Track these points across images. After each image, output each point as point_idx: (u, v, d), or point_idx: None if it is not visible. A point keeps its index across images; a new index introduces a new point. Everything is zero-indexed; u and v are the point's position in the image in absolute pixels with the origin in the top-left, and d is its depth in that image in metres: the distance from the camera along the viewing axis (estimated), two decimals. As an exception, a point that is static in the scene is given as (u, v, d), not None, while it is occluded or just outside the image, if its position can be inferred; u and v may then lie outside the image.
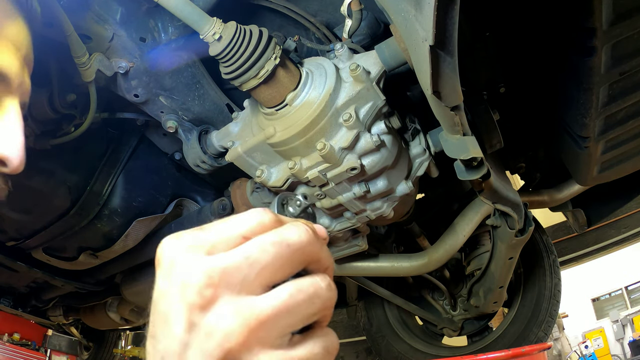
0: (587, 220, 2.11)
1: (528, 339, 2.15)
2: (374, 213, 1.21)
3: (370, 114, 0.99)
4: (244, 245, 0.32)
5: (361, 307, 2.68)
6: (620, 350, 8.81)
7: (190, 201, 1.71)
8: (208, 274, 0.31)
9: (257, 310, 0.30)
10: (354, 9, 1.09)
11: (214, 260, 0.31)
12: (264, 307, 0.30)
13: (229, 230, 0.34)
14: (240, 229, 0.34)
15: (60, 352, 4.93)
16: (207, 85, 1.25)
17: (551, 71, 1.22)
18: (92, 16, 1.03)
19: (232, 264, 0.31)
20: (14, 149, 0.54)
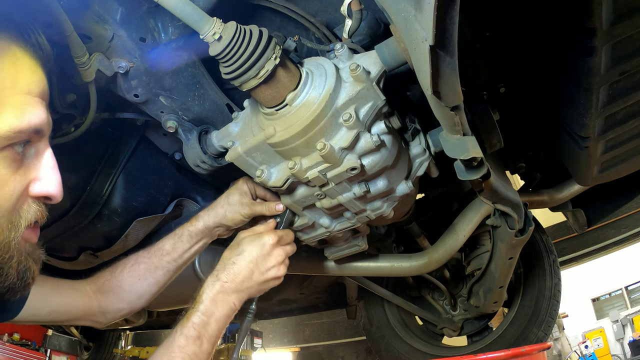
0: (587, 220, 2.11)
1: (528, 339, 2.15)
2: (374, 213, 1.21)
3: (370, 114, 0.99)
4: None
5: (361, 307, 2.68)
6: (620, 350, 8.81)
7: (190, 201, 1.71)
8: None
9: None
10: (354, 9, 1.09)
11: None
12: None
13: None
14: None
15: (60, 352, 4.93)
16: (207, 85, 1.25)
17: (551, 71, 1.22)
18: (92, 16, 1.03)
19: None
20: (57, 188, 0.66)
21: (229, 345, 5.71)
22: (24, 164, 0.64)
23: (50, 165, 0.66)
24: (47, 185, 0.65)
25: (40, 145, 0.66)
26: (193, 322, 0.99)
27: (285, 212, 1.22)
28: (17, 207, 0.63)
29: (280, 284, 1.15)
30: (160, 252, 1.23)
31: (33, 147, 0.65)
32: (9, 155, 0.61)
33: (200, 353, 0.97)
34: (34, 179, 0.65)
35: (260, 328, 6.64)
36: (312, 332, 8.55)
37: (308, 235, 1.34)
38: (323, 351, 8.35)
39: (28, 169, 0.64)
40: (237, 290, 1.07)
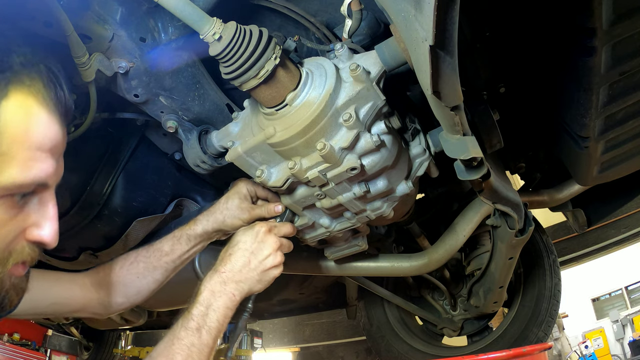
0: (587, 220, 2.11)
1: (528, 339, 2.15)
2: (374, 213, 1.21)
3: (370, 114, 0.99)
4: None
5: (361, 307, 2.68)
6: (620, 350, 8.81)
7: (190, 201, 1.71)
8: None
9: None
10: (354, 9, 1.09)
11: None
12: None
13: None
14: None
15: (60, 352, 4.93)
16: (207, 85, 1.25)
17: (551, 71, 1.22)
18: (92, 16, 1.03)
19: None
20: (52, 237, 0.70)
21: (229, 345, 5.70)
22: (25, 210, 0.67)
23: (50, 215, 0.70)
24: (43, 234, 0.69)
25: (45, 195, 0.69)
26: (192, 314, 0.99)
27: (285, 212, 1.22)
28: (9, 247, 0.66)
29: (281, 284, 1.15)
30: (159, 252, 1.23)
31: (37, 196, 0.68)
32: (8, 203, 0.63)
33: (200, 344, 0.96)
34: (33, 225, 0.68)
35: (260, 328, 6.64)
36: (312, 332, 8.55)
37: (308, 235, 1.34)
38: (323, 351, 8.35)
39: (28, 215, 0.68)
40: (235, 280, 1.06)
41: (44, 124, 0.65)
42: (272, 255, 1.11)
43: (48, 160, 0.66)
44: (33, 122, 0.63)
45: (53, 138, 0.67)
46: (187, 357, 0.93)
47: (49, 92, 0.66)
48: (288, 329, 8.72)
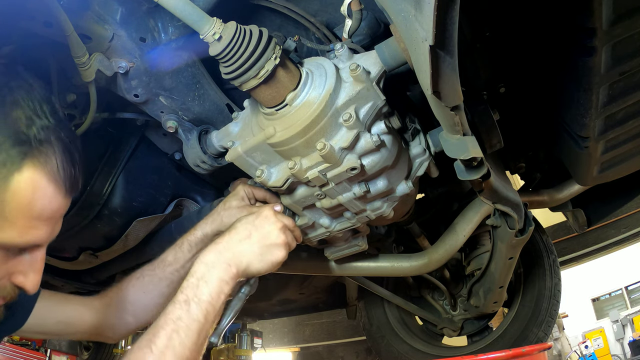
0: (587, 220, 2.11)
1: (528, 339, 2.15)
2: (374, 213, 1.21)
3: (370, 114, 1.00)
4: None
5: (361, 307, 2.68)
6: (620, 350, 8.81)
7: (190, 201, 1.71)
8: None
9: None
10: (354, 9, 1.09)
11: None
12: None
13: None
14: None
15: (60, 352, 4.93)
16: (207, 85, 1.25)
17: (551, 71, 1.22)
18: (92, 16, 1.03)
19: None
20: (33, 287, 0.77)
21: (229, 345, 5.71)
22: (16, 259, 0.74)
23: (37, 268, 0.77)
24: (27, 283, 0.77)
25: (35, 252, 0.77)
26: (182, 287, 0.92)
27: (285, 212, 1.22)
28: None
29: (280, 284, 1.15)
30: (163, 263, 1.23)
31: (29, 252, 0.76)
32: (2, 254, 0.71)
33: (188, 318, 0.87)
34: (20, 272, 0.76)
35: (260, 328, 6.64)
36: (312, 332, 8.55)
37: (308, 235, 1.34)
38: (323, 351, 8.35)
39: (19, 262, 0.75)
40: (233, 251, 0.98)
41: (48, 198, 0.71)
42: (275, 231, 1.03)
43: (44, 228, 0.74)
44: (38, 196, 0.70)
45: (54, 210, 0.74)
46: (172, 332, 0.85)
47: (60, 170, 0.72)
48: (288, 329, 8.72)
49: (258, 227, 1.02)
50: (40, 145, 0.69)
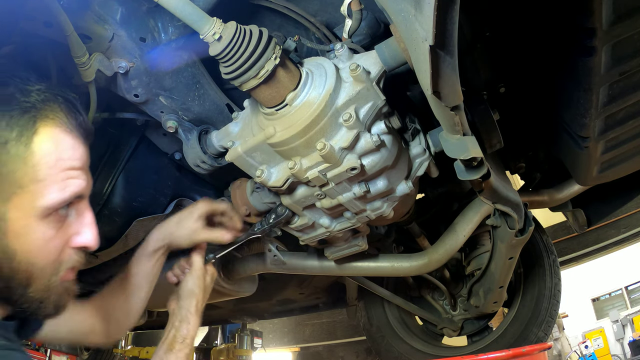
0: (587, 220, 2.11)
1: (528, 339, 2.15)
2: (374, 213, 1.21)
3: (370, 114, 1.00)
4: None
5: (361, 307, 2.68)
6: (620, 350, 8.81)
7: (190, 201, 1.71)
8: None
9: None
10: (354, 9, 1.09)
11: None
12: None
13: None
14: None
15: (60, 352, 4.93)
16: (207, 85, 1.25)
17: (551, 71, 1.22)
18: (92, 16, 1.03)
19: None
20: (93, 240, 0.81)
21: (229, 345, 5.71)
22: (66, 222, 0.78)
23: (89, 222, 0.81)
24: (85, 239, 0.80)
25: (80, 205, 0.80)
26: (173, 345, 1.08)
27: (225, 248, 1.26)
28: (59, 257, 0.77)
29: (280, 284, 1.17)
30: (130, 274, 1.26)
31: (74, 207, 0.79)
32: (54, 218, 0.75)
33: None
34: (75, 234, 0.79)
35: (260, 328, 6.64)
36: (312, 332, 8.55)
37: (308, 235, 1.34)
38: (323, 351, 8.35)
39: (70, 226, 0.78)
40: (196, 311, 1.16)
41: (70, 147, 0.76)
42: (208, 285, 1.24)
43: (79, 177, 0.77)
44: (62, 148, 0.74)
45: (80, 157, 0.78)
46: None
47: (70, 119, 0.76)
48: (288, 329, 8.72)
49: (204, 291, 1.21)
50: (45, 106, 0.73)
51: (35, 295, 0.76)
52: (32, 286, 0.75)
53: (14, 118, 0.70)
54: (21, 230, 0.72)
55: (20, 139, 0.70)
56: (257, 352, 6.34)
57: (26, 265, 0.73)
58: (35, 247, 0.74)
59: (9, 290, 0.74)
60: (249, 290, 2.03)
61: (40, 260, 0.75)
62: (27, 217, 0.72)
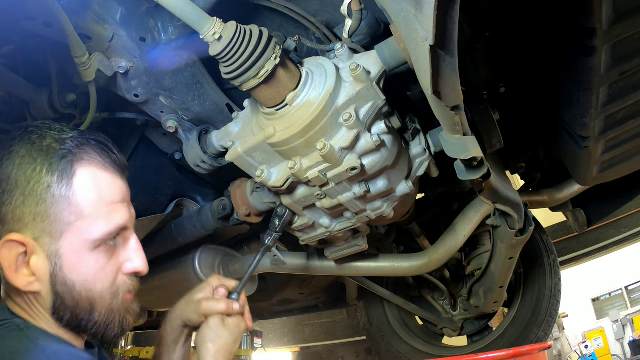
0: (587, 220, 2.11)
1: (528, 338, 2.15)
2: (374, 213, 1.21)
3: (370, 114, 0.99)
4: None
5: (361, 307, 2.68)
6: (620, 350, 8.81)
7: (190, 201, 1.71)
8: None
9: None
10: (354, 9, 1.09)
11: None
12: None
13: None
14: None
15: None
16: (207, 85, 1.25)
17: (551, 71, 1.22)
18: (92, 16, 1.03)
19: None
20: (143, 265, 0.88)
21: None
22: (116, 252, 0.85)
23: (135, 248, 0.88)
24: (135, 265, 0.87)
25: (127, 234, 0.87)
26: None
27: (232, 297, 1.14)
28: (115, 282, 0.84)
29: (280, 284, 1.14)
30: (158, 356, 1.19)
31: (121, 236, 0.86)
32: (104, 248, 0.82)
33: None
34: (125, 261, 0.86)
35: (260, 328, 6.64)
36: (312, 332, 8.54)
37: (308, 235, 1.34)
38: (323, 351, 8.34)
39: (119, 254, 0.86)
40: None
41: (109, 183, 0.83)
42: (239, 333, 1.09)
43: (123, 209, 0.85)
44: (101, 185, 0.82)
45: (120, 191, 0.85)
46: None
47: (105, 158, 0.84)
48: (288, 329, 8.71)
49: (230, 335, 1.07)
50: (79, 150, 0.81)
51: (101, 319, 0.83)
52: (96, 311, 0.82)
53: (53, 165, 0.78)
54: (75, 263, 0.79)
55: (61, 181, 0.78)
56: (257, 352, 6.34)
57: (86, 293, 0.81)
58: (90, 276, 0.81)
59: (76, 318, 0.81)
60: (249, 291, 2.03)
61: (98, 286, 0.82)
62: (79, 250, 0.79)
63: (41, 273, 0.78)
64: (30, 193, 0.77)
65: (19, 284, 0.78)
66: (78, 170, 0.80)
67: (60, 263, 0.78)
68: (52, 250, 0.78)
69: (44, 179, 0.77)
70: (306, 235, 1.34)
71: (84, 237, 0.79)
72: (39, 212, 0.77)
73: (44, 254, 0.78)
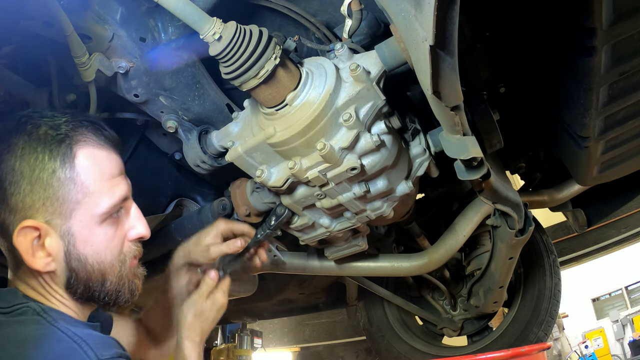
0: (587, 220, 2.11)
1: (528, 339, 2.15)
2: (374, 213, 1.21)
3: (370, 114, 0.99)
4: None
5: (361, 307, 2.68)
6: (620, 350, 8.81)
7: (190, 201, 1.71)
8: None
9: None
10: (354, 9, 1.09)
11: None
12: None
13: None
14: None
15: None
16: (207, 85, 1.25)
17: (551, 71, 1.22)
18: (92, 16, 1.03)
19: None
20: (145, 229, 0.94)
21: (229, 345, 5.70)
22: (120, 221, 0.91)
23: (137, 215, 0.94)
24: (138, 230, 0.93)
25: (127, 204, 0.93)
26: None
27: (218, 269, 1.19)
28: (122, 250, 0.91)
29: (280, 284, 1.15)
30: (165, 290, 1.26)
31: (123, 207, 0.91)
32: (110, 220, 0.88)
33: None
34: (129, 228, 0.93)
35: (260, 328, 6.64)
36: (312, 332, 8.54)
37: (308, 235, 1.34)
38: (323, 351, 8.34)
39: (123, 224, 0.92)
40: (200, 334, 1.10)
41: (106, 159, 0.88)
42: (218, 307, 1.14)
43: (122, 181, 0.90)
44: (99, 161, 0.87)
45: (117, 165, 0.91)
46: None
47: (98, 136, 0.88)
48: (288, 329, 8.71)
49: (209, 310, 1.12)
50: (74, 132, 0.85)
51: (112, 288, 0.89)
52: (107, 280, 0.88)
53: (53, 151, 0.82)
54: (86, 237, 0.85)
55: (64, 165, 0.82)
56: (257, 352, 6.34)
57: (98, 265, 0.86)
58: (102, 248, 0.87)
59: (89, 290, 0.87)
60: (249, 290, 2.03)
61: (108, 257, 0.88)
62: (88, 225, 0.85)
63: (56, 252, 0.83)
64: (36, 181, 0.81)
65: (38, 266, 0.82)
66: (78, 151, 0.84)
67: (73, 240, 0.84)
68: (64, 229, 0.83)
69: (48, 165, 0.81)
70: (306, 235, 1.34)
71: (92, 212, 0.84)
72: (47, 197, 0.81)
73: (56, 235, 0.82)
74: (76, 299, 0.88)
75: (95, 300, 0.90)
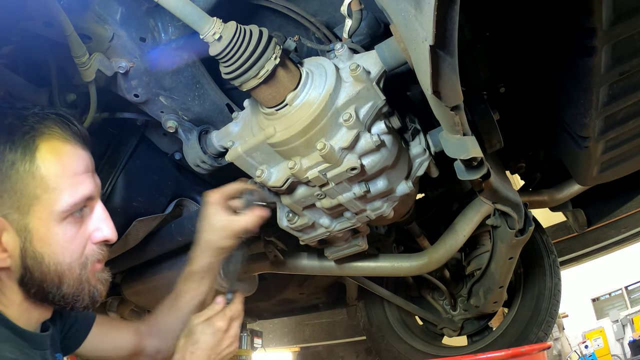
0: (587, 220, 2.11)
1: (528, 339, 2.15)
2: (374, 213, 1.21)
3: (370, 114, 1.00)
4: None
5: (361, 307, 2.68)
6: (620, 350, 8.82)
7: (190, 201, 1.71)
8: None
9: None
10: (354, 9, 1.09)
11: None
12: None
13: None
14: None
15: (60, 352, 4.92)
16: (207, 85, 1.25)
17: (551, 71, 1.22)
18: (92, 16, 1.03)
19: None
20: (111, 232, 0.89)
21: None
22: (84, 222, 0.86)
23: (103, 217, 0.89)
24: (103, 233, 0.88)
25: (92, 204, 0.88)
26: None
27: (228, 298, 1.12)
28: (84, 253, 0.85)
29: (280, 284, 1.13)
30: (180, 293, 1.23)
31: (88, 207, 0.87)
32: (71, 220, 0.83)
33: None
34: (94, 230, 0.87)
35: (260, 328, 6.64)
36: (312, 332, 8.54)
37: (308, 235, 1.34)
38: (323, 351, 8.34)
39: (87, 224, 0.86)
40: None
41: (71, 155, 0.83)
42: (229, 346, 1.06)
43: (87, 179, 0.85)
44: (63, 157, 0.82)
45: (83, 162, 0.85)
46: None
47: (65, 130, 0.84)
48: (288, 329, 8.71)
49: (215, 349, 1.03)
50: (40, 125, 0.81)
51: (69, 291, 0.84)
52: (64, 283, 0.83)
53: (15, 142, 0.78)
54: (44, 235, 0.80)
55: (24, 157, 0.78)
56: (257, 352, 6.34)
57: (55, 266, 0.82)
58: (59, 247, 0.82)
59: (43, 291, 0.82)
60: (249, 290, 2.03)
61: (67, 258, 0.83)
62: (47, 223, 0.80)
63: (12, 248, 0.79)
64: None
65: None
66: (40, 144, 0.80)
67: (29, 237, 0.80)
68: (21, 225, 0.79)
69: (7, 157, 0.78)
70: (306, 235, 1.34)
71: (51, 209, 0.80)
72: (5, 190, 0.78)
73: (13, 230, 0.79)
74: (29, 298, 0.83)
75: (50, 302, 0.85)
